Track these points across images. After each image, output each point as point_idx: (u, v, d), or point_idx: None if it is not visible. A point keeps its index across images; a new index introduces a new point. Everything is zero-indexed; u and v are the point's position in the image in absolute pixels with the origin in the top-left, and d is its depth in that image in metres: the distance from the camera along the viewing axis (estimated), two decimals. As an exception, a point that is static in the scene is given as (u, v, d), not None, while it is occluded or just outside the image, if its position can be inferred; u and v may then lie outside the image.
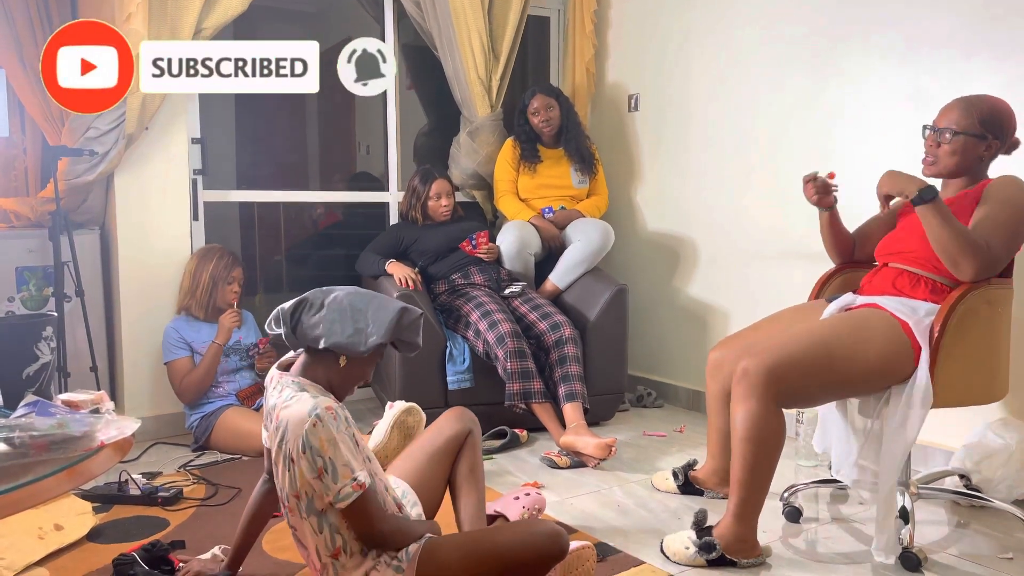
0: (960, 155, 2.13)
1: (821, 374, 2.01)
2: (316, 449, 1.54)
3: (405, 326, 1.68)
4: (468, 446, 1.97)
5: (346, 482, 1.55)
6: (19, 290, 3.07)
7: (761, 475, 2.02)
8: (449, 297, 3.35)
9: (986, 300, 2.06)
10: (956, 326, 2.02)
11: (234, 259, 3.18)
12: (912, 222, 2.20)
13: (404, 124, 4.01)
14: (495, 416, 3.16)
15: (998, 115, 2.11)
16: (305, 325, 1.65)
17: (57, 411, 1.34)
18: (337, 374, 1.70)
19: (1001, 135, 2.12)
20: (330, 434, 1.55)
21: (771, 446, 2.00)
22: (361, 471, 1.57)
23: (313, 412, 1.55)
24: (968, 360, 2.06)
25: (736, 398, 2.02)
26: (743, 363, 2.02)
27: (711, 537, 2.03)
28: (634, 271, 4.02)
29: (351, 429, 1.64)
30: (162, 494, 2.47)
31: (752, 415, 1.98)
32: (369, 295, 1.70)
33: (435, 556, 1.69)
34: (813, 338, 2.05)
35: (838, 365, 2.01)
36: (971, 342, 2.06)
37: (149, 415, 3.20)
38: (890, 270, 2.22)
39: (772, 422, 1.99)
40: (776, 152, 3.32)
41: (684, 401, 3.77)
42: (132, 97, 3.04)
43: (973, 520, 2.37)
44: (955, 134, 2.12)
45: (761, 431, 1.98)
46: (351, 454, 1.58)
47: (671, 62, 3.81)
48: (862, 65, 2.97)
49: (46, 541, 2.10)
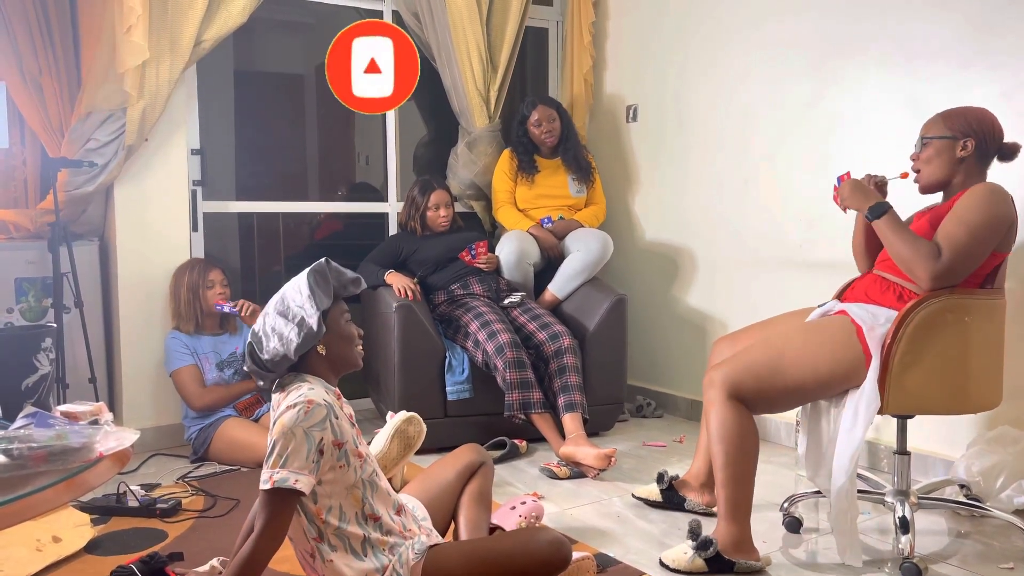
0: (937, 160, 2.15)
1: (775, 380, 2.08)
2: (275, 430, 1.58)
3: (325, 283, 1.69)
4: (480, 474, 2.02)
5: (271, 471, 1.56)
6: (18, 301, 3.07)
7: (741, 474, 2.07)
8: (448, 307, 3.35)
9: (949, 309, 2.04)
10: (913, 334, 2.03)
11: (208, 263, 3.19)
12: None
13: (403, 135, 4.02)
14: (494, 426, 3.16)
15: (967, 115, 2.14)
16: (269, 361, 1.67)
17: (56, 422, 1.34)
18: (327, 359, 1.72)
19: (972, 132, 2.12)
20: (291, 423, 1.57)
21: (746, 446, 2.07)
22: (292, 475, 1.55)
23: (294, 401, 1.59)
24: (930, 368, 2.06)
25: (706, 404, 2.13)
26: (711, 372, 2.13)
27: (708, 536, 2.04)
28: (633, 281, 4.03)
29: (336, 424, 1.63)
30: (160, 506, 2.46)
31: (720, 419, 2.07)
32: (280, 293, 1.72)
33: (438, 563, 1.69)
34: (768, 346, 2.13)
35: (790, 372, 2.07)
36: (934, 350, 2.05)
37: (148, 427, 3.19)
38: (869, 277, 2.25)
39: (740, 424, 2.06)
40: (774, 161, 3.33)
41: (684, 411, 3.77)
42: (132, 108, 3.05)
43: (973, 530, 2.37)
44: (925, 140, 2.17)
45: (731, 432, 2.06)
46: (299, 454, 1.56)
47: (669, 73, 3.82)
48: (860, 74, 2.99)
49: (44, 553, 2.09)
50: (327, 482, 1.64)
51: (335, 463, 1.64)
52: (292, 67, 4.22)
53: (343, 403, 1.78)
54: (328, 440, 1.61)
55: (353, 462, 1.68)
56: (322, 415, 1.60)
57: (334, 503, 1.66)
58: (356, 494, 1.68)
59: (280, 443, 1.57)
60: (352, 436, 1.70)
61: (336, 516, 1.66)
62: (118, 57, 2.98)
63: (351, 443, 1.68)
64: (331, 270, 1.73)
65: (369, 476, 1.72)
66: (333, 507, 1.66)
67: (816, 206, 3.15)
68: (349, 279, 1.76)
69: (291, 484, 1.55)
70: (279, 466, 1.56)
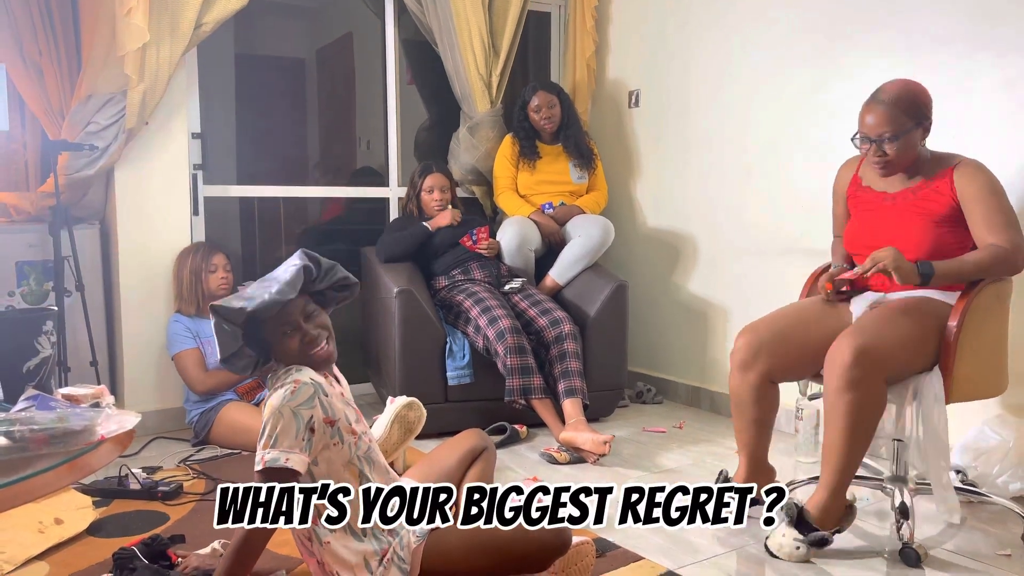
0: (907, 150, 2.18)
1: (916, 353, 2.08)
2: (264, 412, 1.60)
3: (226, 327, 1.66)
4: (483, 459, 2.04)
5: (262, 452, 1.57)
6: (19, 284, 3.07)
7: (862, 450, 2.07)
8: (449, 293, 3.35)
9: (996, 295, 2.14)
10: (971, 320, 2.09)
11: (211, 248, 3.20)
12: (872, 216, 2.29)
13: (404, 119, 4.01)
14: (495, 412, 3.17)
15: (918, 98, 2.16)
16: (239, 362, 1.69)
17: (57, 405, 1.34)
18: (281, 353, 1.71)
19: (928, 113, 2.18)
20: (279, 402, 1.58)
21: (875, 422, 2.07)
22: (283, 454, 1.56)
23: (282, 383, 1.62)
24: (979, 355, 2.13)
25: (844, 384, 2.01)
26: (844, 353, 2.00)
27: (823, 533, 2.05)
28: (634, 267, 4.03)
29: (326, 402, 1.64)
30: (162, 489, 2.48)
31: (863, 398, 2.00)
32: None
33: (439, 548, 1.70)
34: (904, 318, 2.10)
35: (930, 337, 2.09)
36: (984, 337, 2.12)
37: (149, 410, 3.20)
38: None
39: (881, 401, 2.06)
40: (776, 148, 3.31)
41: (683, 397, 3.77)
42: (133, 91, 3.04)
43: (970, 516, 2.37)
44: (894, 138, 2.15)
45: (870, 411, 2.03)
46: (288, 433, 1.57)
47: (672, 58, 3.80)
48: (863, 62, 2.97)
49: (46, 535, 2.10)
50: (323, 461, 1.65)
51: (328, 441, 1.65)
52: (293, 51, 4.20)
53: (333, 381, 1.78)
54: (319, 417, 1.62)
55: (347, 439, 1.68)
56: (309, 393, 1.61)
57: (331, 482, 1.67)
58: (353, 471, 1.69)
59: (270, 423, 1.58)
60: (344, 414, 1.70)
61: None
62: (118, 40, 2.97)
63: (343, 420, 1.68)
64: (224, 314, 1.66)
65: (365, 453, 1.73)
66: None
67: (817, 194, 3.14)
68: (271, 301, 1.65)
69: (282, 463, 1.55)
70: (270, 446, 1.57)
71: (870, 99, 2.19)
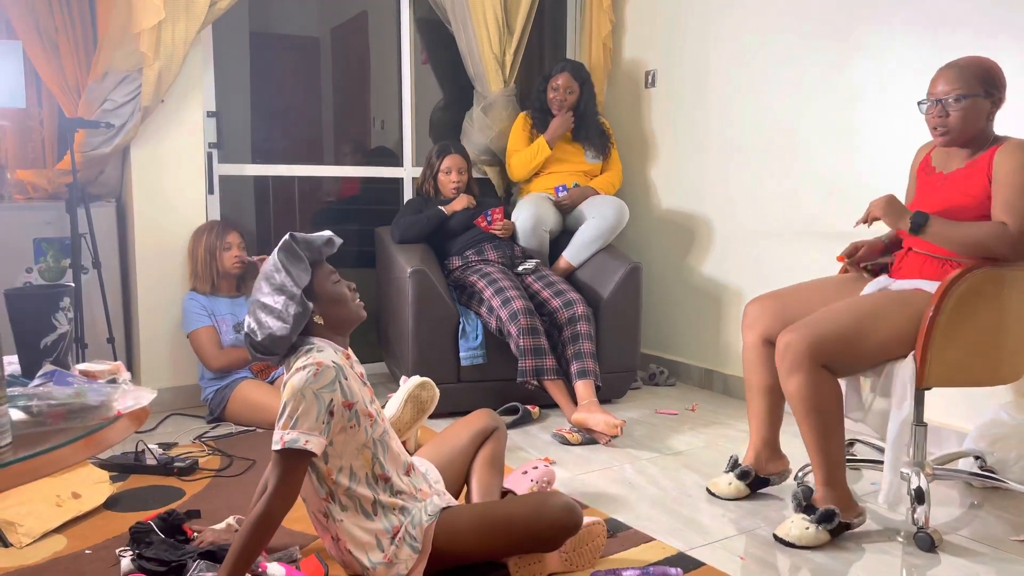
0: (970, 118, 2.10)
1: (862, 343, 2.05)
2: (285, 392, 1.60)
3: (297, 258, 1.68)
4: (494, 439, 2.04)
5: (282, 432, 1.58)
6: (37, 261, 3.09)
7: (832, 438, 2.08)
8: (463, 273, 3.35)
9: (989, 281, 2.04)
10: (955, 307, 2.02)
11: (226, 225, 3.21)
12: (924, 196, 2.22)
13: (419, 99, 3.99)
14: (507, 392, 3.18)
15: (992, 71, 2.11)
16: (268, 347, 1.67)
17: (75, 381, 1.35)
18: (328, 324, 1.73)
19: (1000, 90, 2.11)
20: (301, 384, 1.58)
21: (830, 409, 2.07)
22: (303, 436, 1.57)
23: (303, 364, 1.61)
24: (970, 341, 2.06)
25: (784, 372, 2.08)
26: (785, 338, 2.08)
27: (831, 508, 2.05)
28: (648, 249, 4.01)
29: (345, 385, 1.65)
30: (178, 464, 2.50)
31: (803, 385, 2.05)
32: (258, 281, 1.71)
33: (450, 527, 1.71)
34: (852, 310, 2.09)
35: (881, 332, 2.05)
36: (974, 323, 2.05)
37: (165, 387, 3.23)
38: (915, 256, 2.20)
39: (824, 387, 2.05)
40: (795, 129, 3.28)
41: (696, 380, 3.77)
42: (148, 69, 3.04)
43: (986, 501, 2.36)
44: (960, 98, 2.09)
45: (816, 398, 2.05)
46: (309, 415, 1.58)
47: (689, 38, 3.76)
48: (883, 42, 2.92)
49: (64, 508, 2.13)
50: (338, 443, 1.66)
51: (346, 424, 1.66)
52: (308, 30, 4.18)
53: (353, 362, 1.79)
54: (338, 401, 1.63)
55: (363, 422, 1.69)
56: (331, 377, 1.61)
57: (344, 463, 1.68)
58: (367, 454, 1.70)
59: (290, 405, 1.58)
60: (362, 396, 1.71)
61: (347, 476, 1.68)
62: (134, 17, 2.97)
63: (361, 403, 1.69)
64: (299, 242, 1.70)
65: (380, 436, 1.74)
66: (344, 467, 1.68)
67: (835, 176, 3.11)
68: (321, 243, 1.73)
69: (301, 445, 1.56)
70: (290, 427, 1.57)
71: (943, 65, 2.15)
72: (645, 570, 1.78)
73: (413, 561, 1.68)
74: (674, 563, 1.92)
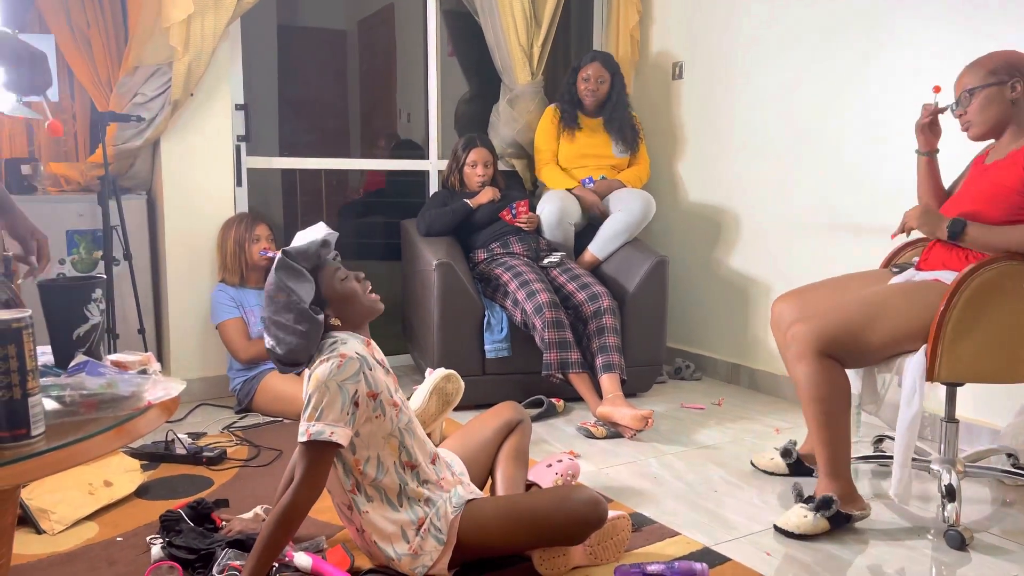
0: (989, 108, 2.09)
1: (869, 335, 2.04)
2: (310, 384, 1.61)
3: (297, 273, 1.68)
4: (518, 432, 2.04)
5: (307, 424, 1.59)
6: (70, 253, 3.14)
7: (836, 429, 2.07)
8: (488, 266, 3.35)
9: (1007, 275, 2.00)
10: (968, 301, 1.99)
11: (254, 218, 3.23)
12: (965, 187, 2.19)
13: (445, 92, 3.99)
14: (532, 385, 3.18)
15: (1005, 57, 2.09)
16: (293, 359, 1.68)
17: (106, 371, 1.37)
18: (345, 322, 1.74)
19: (1018, 73, 2.07)
20: (325, 376, 1.59)
21: (835, 399, 2.06)
22: (328, 427, 1.58)
23: (327, 355, 1.63)
24: (986, 336, 2.02)
25: (791, 361, 2.11)
26: (794, 328, 2.10)
27: (828, 495, 2.05)
28: (675, 242, 3.98)
29: (370, 376, 1.65)
30: (207, 454, 2.53)
31: (808, 375, 2.06)
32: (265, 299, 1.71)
33: (475, 519, 1.72)
34: (864, 303, 2.09)
35: (889, 325, 2.04)
36: (991, 317, 2.00)
37: (194, 377, 3.27)
38: (941, 248, 2.17)
39: (829, 377, 2.05)
40: (825, 121, 3.23)
41: (723, 374, 3.74)
42: (178, 63, 3.07)
43: (1019, 499, 2.32)
44: (972, 91, 2.10)
45: (820, 388, 2.05)
46: (334, 407, 1.59)
47: (717, 29, 3.72)
48: (918, 31, 2.87)
49: (96, 496, 2.17)
50: (365, 433, 1.67)
51: (371, 414, 1.67)
52: (335, 22, 4.20)
53: (374, 349, 1.80)
54: (363, 392, 1.64)
55: (389, 411, 1.70)
56: (355, 368, 1.62)
57: (372, 453, 1.69)
58: (393, 443, 1.71)
59: (315, 396, 1.59)
60: (386, 385, 1.72)
61: (374, 467, 1.69)
62: (163, 11, 3.00)
63: (386, 393, 1.70)
64: (295, 257, 1.70)
65: (406, 424, 1.75)
66: (371, 457, 1.69)
67: (866, 169, 3.06)
68: (316, 248, 1.72)
69: (327, 436, 1.57)
70: (315, 419, 1.58)
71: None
72: (670, 565, 1.78)
73: (438, 553, 1.69)
74: (699, 558, 1.92)
